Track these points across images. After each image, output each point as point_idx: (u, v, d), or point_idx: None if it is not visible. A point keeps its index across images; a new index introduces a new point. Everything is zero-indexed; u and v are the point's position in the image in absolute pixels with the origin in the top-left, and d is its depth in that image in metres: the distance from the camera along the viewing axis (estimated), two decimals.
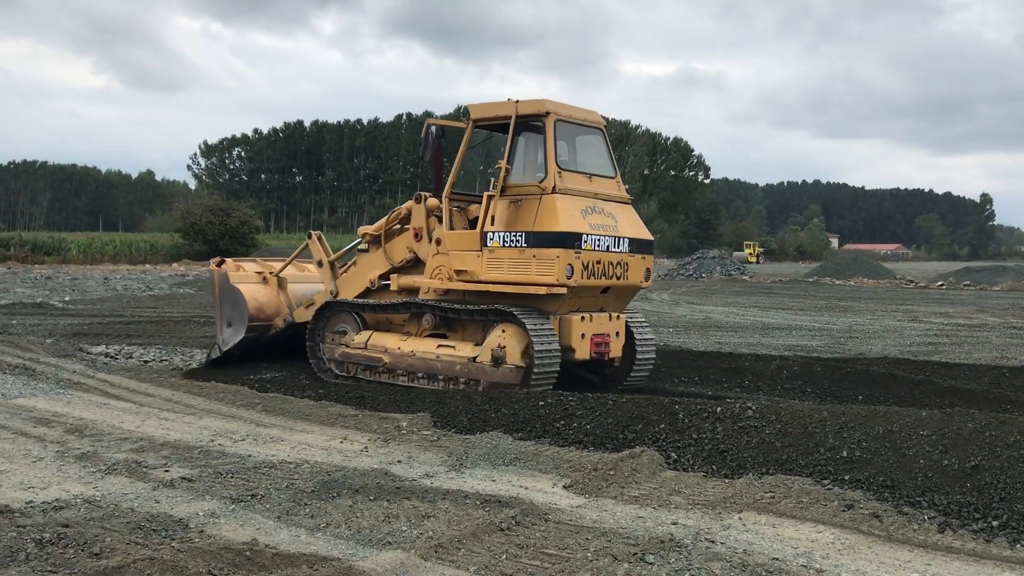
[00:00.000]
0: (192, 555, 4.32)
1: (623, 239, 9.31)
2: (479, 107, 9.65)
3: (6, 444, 7.00)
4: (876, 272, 46.98)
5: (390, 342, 9.81)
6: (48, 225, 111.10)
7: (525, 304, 9.00)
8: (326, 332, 10.49)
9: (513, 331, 8.86)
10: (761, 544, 4.83)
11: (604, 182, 9.57)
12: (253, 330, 10.96)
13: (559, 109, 9.16)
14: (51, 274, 38.18)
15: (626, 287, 9.58)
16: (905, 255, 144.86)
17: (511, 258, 8.96)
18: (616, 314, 9.61)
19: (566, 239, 8.67)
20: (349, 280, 10.71)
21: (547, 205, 8.82)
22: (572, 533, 4.92)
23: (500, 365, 8.82)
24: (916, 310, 24.89)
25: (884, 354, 13.38)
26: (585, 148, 9.68)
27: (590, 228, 8.93)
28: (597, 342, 9.24)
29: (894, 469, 5.73)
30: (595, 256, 8.96)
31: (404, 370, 9.62)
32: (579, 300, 9.21)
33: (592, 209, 9.11)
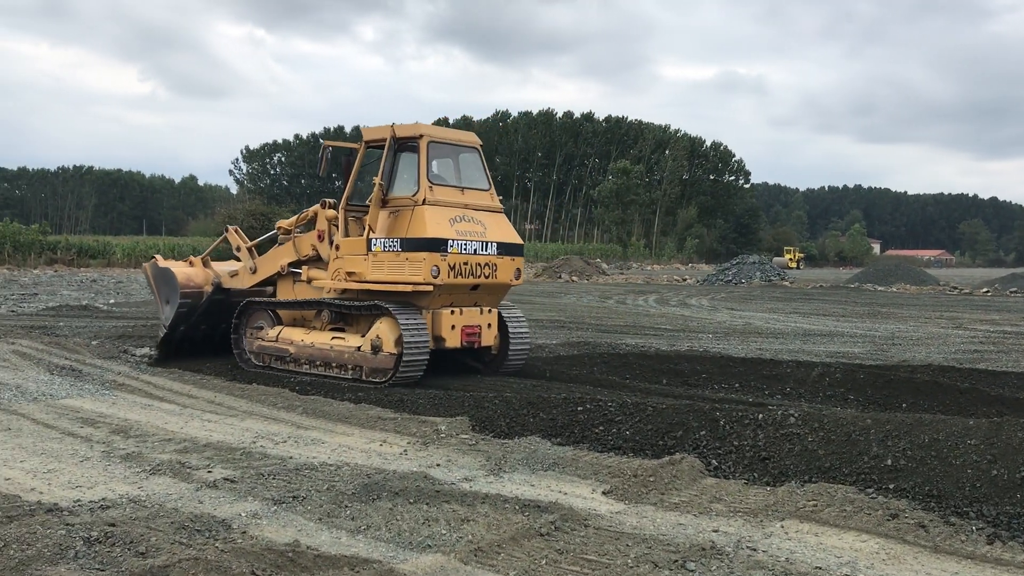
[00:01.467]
0: (235, 555, 4.36)
1: (491, 243, 10.62)
2: (369, 130, 11.13)
3: (54, 444, 7.14)
4: (919, 278, 46.24)
5: (296, 335, 11.11)
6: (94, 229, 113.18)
7: (402, 300, 10.33)
8: (247, 328, 11.81)
9: (389, 323, 10.12)
10: (804, 553, 4.77)
11: (477, 194, 10.89)
12: (187, 296, 12.24)
13: (432, 132, 10.63)
14: (96, 277, 38.91)
15: (496, 285, 10.84)
16: (949, 261, 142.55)
17: (390, 261, 10.33)
18: (488, 308, 10.87)
19: (432, 244, 10.02)
20: (265, 261, 12.17)
21: (418, 215, 10.19)
22: (612, 539, 4.90)
23: (378, 352, 10.09)
24: (961, 317, 24.46)
25: (928, 361, 13.17)
26: (464, 165, 11.03)
27: (457, 234, 10.26)
28: (468, 333, 10.58)
29: (941, 478, 5.64)
30: (462, 258, 10.28)
31: (306, 359, 10.92)
32: (451, 296, 10.52)
33: (461, 218, 10.46)
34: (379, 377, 10.07)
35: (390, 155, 10.55)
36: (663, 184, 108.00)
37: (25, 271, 41.81)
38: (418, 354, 9.95)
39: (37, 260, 46.69)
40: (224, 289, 12.39)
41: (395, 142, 10.54)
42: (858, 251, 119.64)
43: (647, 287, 41.35)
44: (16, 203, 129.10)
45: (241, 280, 12.35)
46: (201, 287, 12.41)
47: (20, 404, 8.77)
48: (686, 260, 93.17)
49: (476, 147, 11.13)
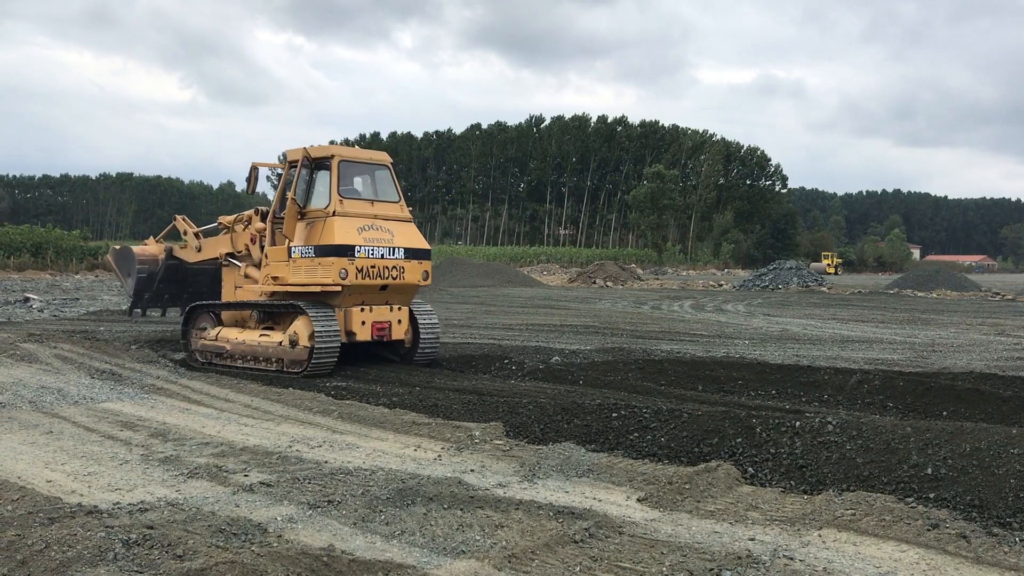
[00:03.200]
0: (271, 559, 4.39)
1: (398, 248, 11.78)
2: (290, 152, 12.32)
3: (94, 447, 7.24)
4: (960, 284, 45.51)
5: (232, 334, 12.24)
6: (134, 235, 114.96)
7: (316, 300, 11.49)
8: (193, 329, 12.92)
9: (304, 320, 11.26)
10: (842, 562, 4.70)
11: (387, 206, 12.08)
12: (143, 263, 14.62)
13: (343, 152, 11.94)
14: None
15: (404, 285, 11.96)
16: (991, 267, 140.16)
17: (306, 265, 11.51)
18: (398, 306, 12.03)
19: (340, 249, 11.17)
20: (209, 245, 13.93)
21: (328, 224, 11.37)
22: (647, 547, 4.87)
23: (295, 346, 11.20)
24: (1003, 323, 24.02)
25: (970, 369, 12.93)
26: (379, 181, 12.29)
27: (364, 241, 11.41)
28: (378, 328, 11.76)
29: (983, 488, 5.53)
30: (369, 262, 11.40)
31: (240, 355, 11.96)
32: (361, 296, 11.63)
33: (370, 227, 11.59)
34: (296, 368, 11.17)
35: (304, 173, 11.84)
36: (698, 189, 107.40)
37: (67, 276, 42.53)
38: (328, 347, 11.08)
39: (78, 265, 47.45)
40: (176, 257, 14.52)
41: (310, 162, 11.84)
42: (897, 256, 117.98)
43: (682, 292, 41.10)
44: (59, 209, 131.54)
45: (188, 254, 14.38)
46: (155, 255, 14.77)
47: (62, 407, 8.91)
48: (722, 265, 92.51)
49: (387, 165, 12.39)
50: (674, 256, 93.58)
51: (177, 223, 14.72)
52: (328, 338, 11.11)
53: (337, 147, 11.97)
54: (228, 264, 13.35)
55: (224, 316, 12.89)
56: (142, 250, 14.81)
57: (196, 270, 14.60)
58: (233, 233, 13.32)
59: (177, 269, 14.59)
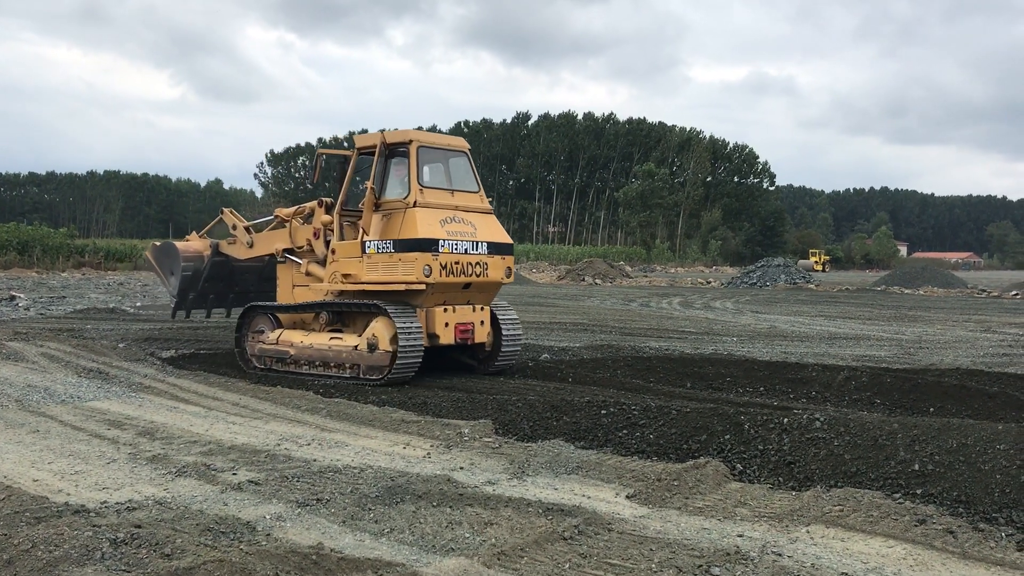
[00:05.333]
0: (260, 558, 4.38)
1: (482, 243, 10.95)
2: (360, 138, 11.53)
3: (81, 446, 7.21)
4: (946, 281, 45.73)
5: (295, 337, 11.39)
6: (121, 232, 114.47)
7: (396, 300, 10.65)
8: (248, 332, 12.04)
9: (384, 322, 10.43)
10: (830, 558, 4.72)
11: (467, 196, 11.23)
12: (188, 260, 13.32)
13: (421, 137, 10.97)
14: (123, 280, 39.27)
15: (487, 283, 11.13)
16: (977, 264, 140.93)
17: (383, 262, 10.67)
18: (481, 306, 11.19)
19: (424, 244, 10.34)
20: (262, 240, 12.86)
21: (409, 217, 10.52)
22: (636, 544, 4.88)
23: (374, 350, 10.41)
24: (989, 320, 24.17)
25: (956, 365, 13.01)
26: (454, 169, 11.38)
27: (447, 235, 10.58)
28: (461, 330, 10.89)
29: (969, 484, 5.57)
30: (453, 258, 10.57)
31: (306, 360, 11.16)
32: (443, 295, 10.80)
33: (452, 219, 10.79)
34: (375, 374, 10.40)
35: (381, 161, 10.91)
36: (686, 186, 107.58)
37: (54, 274, 42.28)
38: (412, 351, 10.29)
39: (65, 263, 47.21)
40: (222, 253, 13.30)
41: (385, 148, 10.92)
42: (885, 254, 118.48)
43: (671, 290, 41.18)
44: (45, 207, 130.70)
45: (238, 250, 13.16)
46: (200, 252, 13.47)
47: (48, 406, 8.87)
48: (710, 263, 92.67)
49: (465, 151, 11.48)
50: (663, 254, 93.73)
51: (225, 216, 13.50)
52: (412, 341, 10.29)
53: (415, 132, 11.02)
54: (285, 261, 12.34)
55: (283, 317, 11.97)
56: (186, 246, 13.60)
57: (243, 268, 13.56)
58: (292, 227, 12.28)
59: (223, 266, 13.47)
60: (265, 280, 13.46)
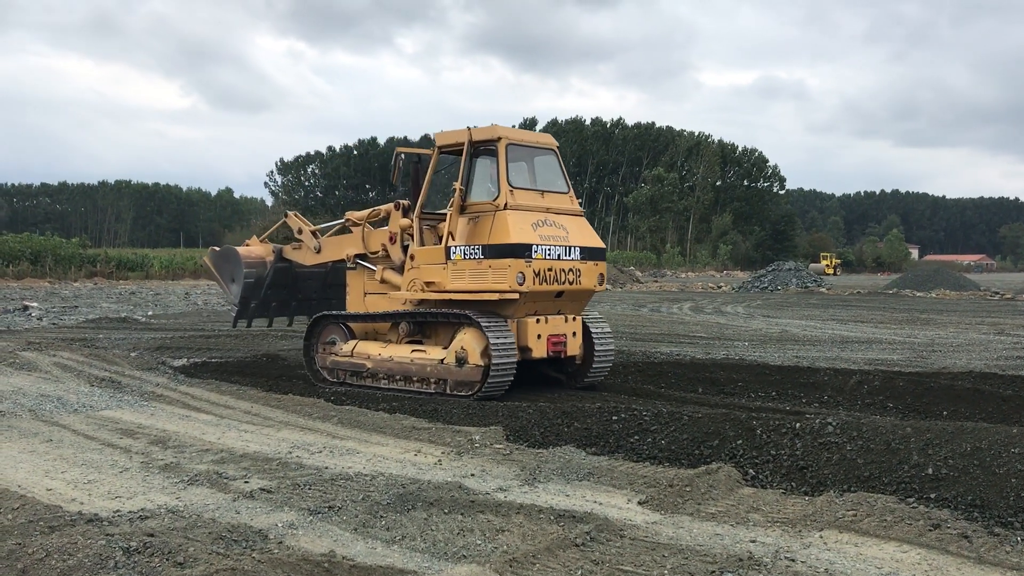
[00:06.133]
0: (272, 566, 4.39)
1: (574, 248, 10.20)
2: (442, 135, 10.70)
3: (94, 455, 7.23)
4: (959, 284, 45.54)
5: (372, 349, 10.76)
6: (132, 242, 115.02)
7: (485, 309, 9.92)
8: (319, 344, 11.47)
9: (473, 334, 9.77)
10: (843, 563, 4.70)
11: (557, 197, 10.50)
12: (250, 267, 12.60)
13: (510, 134, 10.16)
14: (135, 289, 39.48)
15: (579, 291, 10.39)
16: (989, 266, 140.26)
17: (471, 269, 9.95)
18: (572, 316, 10.49)
19: (517, 250, 9.62)
20: (331, 245, 12.17)
21: (500, 220, 9.80)
22: (648, 550, 4.86)
23: (463, 365, 9.75)
24: (1003, 323, 24.03)
25: (969, 368, 12.94)
26: (540, 168, 10.64)
27: (540, 239, 9.87)
28: (554, 342, 10.17)
29: (984, 488, 5.53)
30: (546, 264, 9.87)
31: (384, 374, 10.53)
32: (534, 304, 10.09)
33: (543, 222, 10.06)
34: (465, 390, 9.76)
35: (467, 160, 10.17)
36: (696, 191, 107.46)
37: (66, 284, 42.52)
38: (506, 365, 9.63)
39: (77, 273, 47.46)
40: (286, 259, 12.62)
41: (472, 146, 10.17)
42: (896, 257, 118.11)
43: (682, 295, 41.11)
44: (57, 217, 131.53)
45: (303, 255, 12.44)
46: (263, 258, 12.78)
47: (61, 415, 8.91)
48: (721, 267, 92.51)
49: (553, 148, 10.77)
50: (673, 259, 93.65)
51: (289, 220, 12.80)
52: (506, 355, 9.60)
53: (503, 128, 10.20)
54: (356, 267, 11.66)
55: (355, 327, 11.33)
56: (248, 251, 12.88)
57: (306, 274, 12.91)
58: (365, 231, 11.57)
59: (286, 273, 12.78)
60: (328, 287, 12.97)
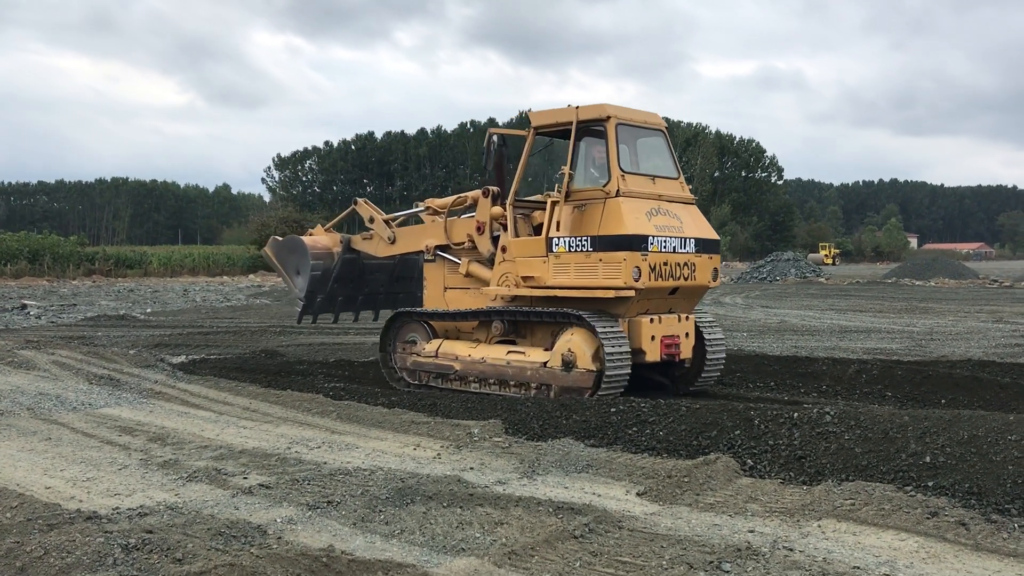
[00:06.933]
0: (271, 561, 4.39)
1: (689, 239, 9.34)
2: (540, 114, 9.80)
3: (93, 452, 7.24)
4: (958, 272, 45.60)
5: (460, 350, 9.99)
6: (130, 239, 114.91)
7: (593, 308, 9.06)
8: (396, 342, 10.79)
9: (583, 335, 8.93)
10: (841, 552, 4.71)
11: (667, 183, 9.60)
12: (317, 258, 11.76)
13: (620, 113, 9.23)
14: (133, 287, 39.46)
15: (694, 288, 9.57)
16: (988, 254, 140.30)
17: (577, 262, 9.06)
18: (685, 315, 9.61)
19: (632, 241, 8.74)
20: (407, 235, 11.22)
21: (612, 208, 8.91)
22: (647, 541, 4.87)
23: (571, 369, 8.92)
24: (1001, 311, 24.06)
25: (968, 356, 12.96)
26: (647, 150, 9.77)
27: (656, 230, 8.98)
28: (667, 344, 9.26)
29: (981, 475, 5.54)
30: (662, 257, 9.00)
31: (475, 377, 9.77)
32: (647, 302, 9.24)
33: (657, 211, 9.15)
34: (572, 397, 8.90)
35: (575, 141, 9.33)
36: (694, 181, 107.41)
37: (64, 282, 42.50)
38: (621, 370, 8.80)
39: (75, 271, 47.46)
40: (354, 250, 11.89)
41: (578, 126, 9.32)
42: (895, 246, 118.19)
43: None
44: (55, 216, 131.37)
45: (375, 246, 11.61)
46: (329, 248, 11.99)
47: (60, 413, 8.91)
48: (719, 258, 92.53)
49: (662, 129, 9.84)
50: None
51: (360, 208, 11.95)
52: (621, 359, 8.77)
53: (612, 106, 9.27)
54: (435, 260, 10.80)
55: (437, 326, 10.60)
56: (313, 242, 11.99)
57: (373, 266, 12.11)
58: (450, 221, 10.62)
59: (353, 265, 11.98)
60: (396, 280, 12.33)
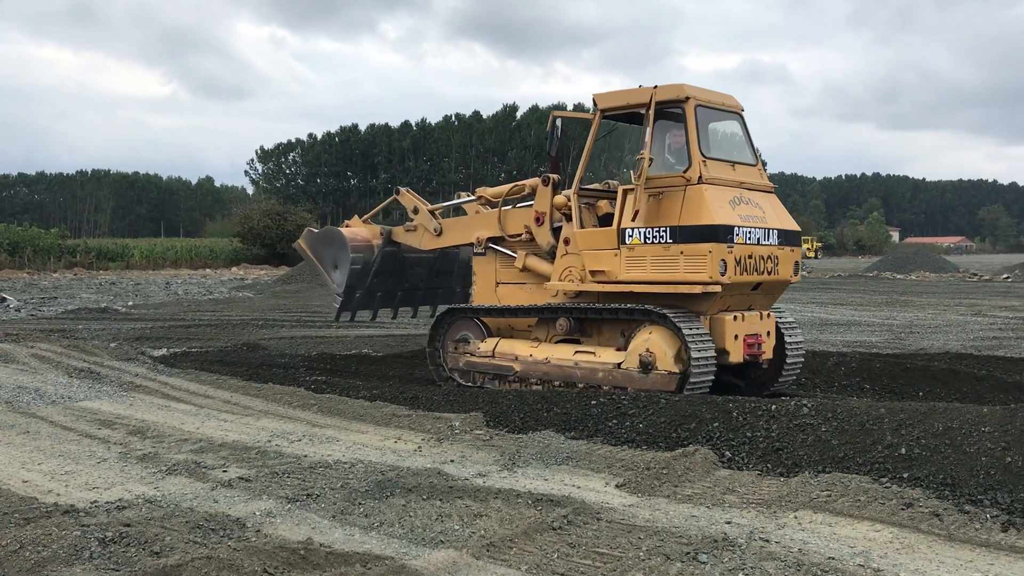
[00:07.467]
0: (248, 554, 4.39)
1: (772, 231, 8.79)
2: (607, 96, 9.17)
3: (72, 446, 7.21)
4: (938, 265, 45.94)
5: (520, 349, 9.43)
6: (112, 232, 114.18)
7: (671, 304, 8.51)
8: (447, 340, 10.21)
9: (662, 334, 8.36)
10: (817, 543, 4.75)
11: (747, 170, 9.04)
12: (357, 251, 11.13)
13: (698, 94, 8.71)
14: (115, 280, 39.22)
15: (776, 282, 9.04)
16: (969, 248, 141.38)
17: (654, 255, 8.50)
18: (766, 313, 9.10)
19: (718, 232, 8.16)
20: (455, 227, 10.63)
21: (694, 197, 8.32)
22: (624, 532, 4.90)
23: (650, 371, 8.35)
24: (980, 304, 24.28)
25: (946, 349, 13.08)
26: (723, 134, 9.22)
27: (741, 220, 8.43)
28: (750, 343, 8.68)
29: (955, 467, 5.60)
30: (747, 250, 8.43)
31: (538, 379, 9.19)
32: (728, 299, 8.66)
33: (739, 199, 8.60)
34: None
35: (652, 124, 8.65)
36: None
37: (45, 275, 42.19)
38: (706, 372, 8.27)
39: (56, 264, 47.15)
40: (395, 242, 11.29)
41: (654, 108, 8.66)
42: (877, 239, 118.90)
43: None
44: (35, 208, 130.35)
45: (419, 239, 10.97)
46: (369, 241, 11.38)
47: (39, 407, 8.86)
48: None
49: (739, 112, 9.27)
50: None
51: (402, 198, 11.28)
52: (706, 361, 8.23)
53: (690, 86, 8.71)
54: (486, 252, 10.20)
55: (490, 323, 10.01)
56: (352, 234, 11.32)
57: (413, 260, 11.56)
58: (504, 211, 10.02)
59: (394, 258, 11.40)
60: (435, 275, 11.84)
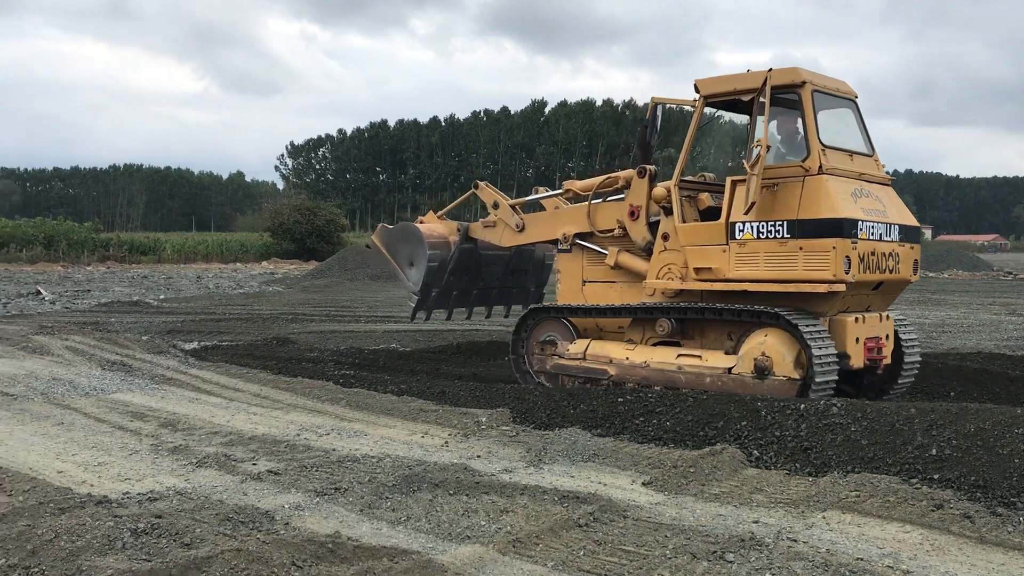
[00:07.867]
0: (277, 547, 4.44)
1: (894, 226, 8.28)
2: (711, 81, 8.71)
3: (105, 437, 7.32)
4: (972, 264, 45.36)
5: (615, 352, 9.02)
6: (144, 226, 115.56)
7: (786, 304, 8.05)
8: (533, 341, 9.84)
9: (779, 336, 7.88)
10: (845, 544, 4.72)
11: (864, 160, 8.54)
12: (434, 248, 10.79)
13: (814, 79, 8.20)
14: (147, 273, 39.68)
15: (897, 282, 8.53)
16: (1003, 246, 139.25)
17: (769, 251, 8.00)
18: (885, 314, 8.62)
19: (843, 226, 7.64)
20: (539, 221, 10.31)
21: (814, 188, 7.82)
22: (651, 530, 4.90)
23: (766, 377, 7.89)
24: (1014, 303, 23.93)
25: (979, 349, 12.91)
26: (837, 123, 8.63)
27: (864, 214, 7.93)
28: (870, 347, 8.17)
29: (987, 468, 5.54)
30: (869, 246, 7.91)
31: (636, 383, 8.73)
32: (848, 299, 8.16)
33: (860, 192, 8.11)
34: None
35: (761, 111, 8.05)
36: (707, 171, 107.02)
37: (78, 268, 42.78)
38: (829, 377, 7.73)
39: (90, 257, 47.79)
40: (472, 239, 10.96)
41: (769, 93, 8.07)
42: None
43: None
44: (70, 202, 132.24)
45: (499, 235, 10.57)
46: (445, 237, 11.02)
47: (73, 399, 9.00)
48: None
49: (853, 99, 8.78)
50: None
51: (482, 192, 10.95)
52: (830, 365, 7.71)
53: (806, 71, 8.20)
54: (571, 249, 9.80)
55: (579, 324, 9.65)
56: (429, 230, 10.95)
57: (489, 257, 11.19)
58: (594, 206, 9.58)
59: (470, 255, 11.05)
60: (511, 273, 11.51)
